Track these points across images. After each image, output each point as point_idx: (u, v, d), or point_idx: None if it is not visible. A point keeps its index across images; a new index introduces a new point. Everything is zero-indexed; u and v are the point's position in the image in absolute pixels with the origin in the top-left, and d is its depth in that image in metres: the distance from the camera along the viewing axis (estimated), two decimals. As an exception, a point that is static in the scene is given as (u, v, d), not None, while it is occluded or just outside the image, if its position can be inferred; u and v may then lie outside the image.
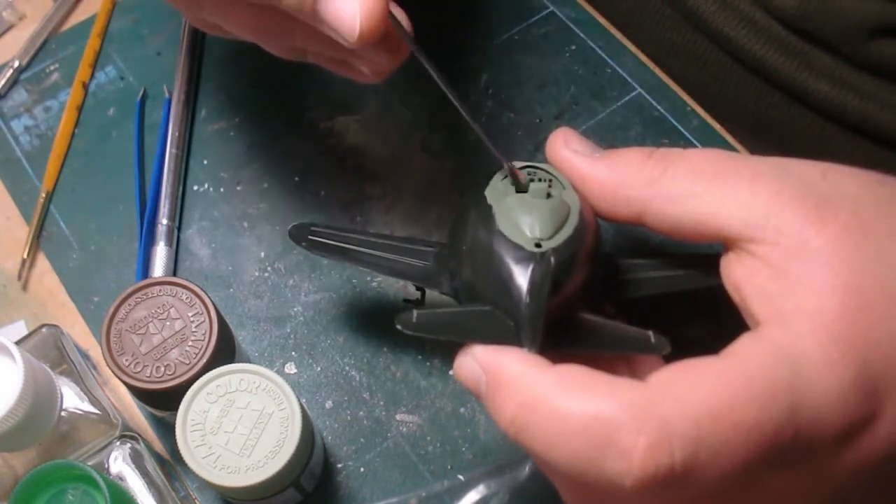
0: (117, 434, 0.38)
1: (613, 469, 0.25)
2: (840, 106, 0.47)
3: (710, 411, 0.25)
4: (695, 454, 0.25)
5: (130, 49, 0.53)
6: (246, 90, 0.52)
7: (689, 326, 0.42)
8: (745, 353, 0.27)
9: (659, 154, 0.31)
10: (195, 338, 0.38)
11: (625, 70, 0.52)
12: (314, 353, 0.44)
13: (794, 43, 0.47)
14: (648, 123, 0.50)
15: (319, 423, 0.43)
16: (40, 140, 0.50)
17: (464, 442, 0.42)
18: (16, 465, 0.37)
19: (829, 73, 0.47)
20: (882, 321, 0.27)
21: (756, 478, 0.26)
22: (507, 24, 0.54)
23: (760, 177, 0.29)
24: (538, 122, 0.51)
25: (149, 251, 0.46)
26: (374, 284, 0.46)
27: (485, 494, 0.41)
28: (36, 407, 0.34)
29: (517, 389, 0.27)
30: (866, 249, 0.27)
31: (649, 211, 0.31)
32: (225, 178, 0.49)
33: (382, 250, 0.37)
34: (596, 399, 0.26)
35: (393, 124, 0.50)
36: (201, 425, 0.36)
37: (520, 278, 0.30)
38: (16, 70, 0.52)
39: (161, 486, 0.37)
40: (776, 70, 0.48)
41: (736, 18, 0.49)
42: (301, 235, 0.38)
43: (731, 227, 0.29)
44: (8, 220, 0.48)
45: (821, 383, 0.26)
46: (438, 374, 0.44)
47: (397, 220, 0.48)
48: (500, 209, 0.32)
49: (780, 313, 0.27)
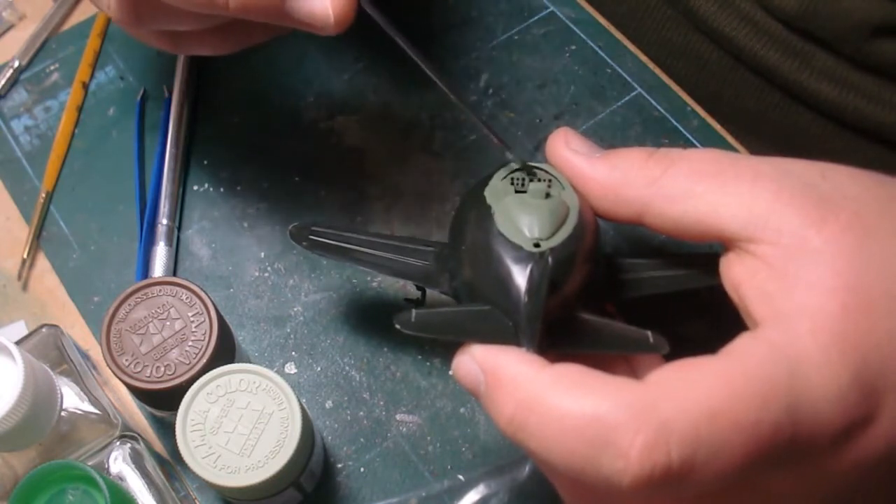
0: (117, 434, 0.38)
1: (611, 468, 0.25)
2: (840, 106, 0.47)
3: (709, 410, 0.25)
4: (692, 453, 0.25)
5: (130, 49, 0.53)
6: (246, 90, 0.52)
7: (688, 326, 0.42)
8: (743, 352, 0.27)
9: (659, 154, 0.32)
10: (195, 338, 0.38)
11: (625, 70, 0.52)
12: (314, 353, 0.44)
13: (794, 43, 0.47)
14: (648, 123, 0.50)
15: (319, 423, 0.43)
16: (40, 140, 0.51)
17: (464, 442, 0.42)
18: (16, 465, 0.37)
19: (829, 73, 0.47)
20: (881, 322, 0.27)
21: (754, 477, 0.26)
22: (507, 24, 0.54)
23: (761, 177, 0.29)
24: (538, 122, 0.51)
25: (149, 251, 0.46)
26: (374, 284, 0.46)
27: (485, 494, 0.41)
28: (36, 407, 0.34)
29: (515, 389, 0.27)
30: (866, 250, 0.27)
31: (649, 211, 0.31)
32: (225, 178, 0.49)
33: (383, 250, 0.37)
34: (594, 398, 0.26)
35: (393, 124, 0.50)
36: (201, 425, 0.36)
37: (518, 278, 0.30)
38: (16, 70, 0.52)
39: (161, 486, 0.38)
40: (776, 70, 0.48)
41: (736, 18, 0.49)
42: (302, 235, 0.38)
43: (730, 226, 0.29)
44: (8, 220, 0.48)
45: (819, 383, 0.26)
46: (438, 374, 0.44)
47: (397, 220, 0.48)
48: (500, 209, 0.32)
49: (779, 313, 0.27)
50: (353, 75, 0.52)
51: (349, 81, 0.52)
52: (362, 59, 0.52)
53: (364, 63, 0.52)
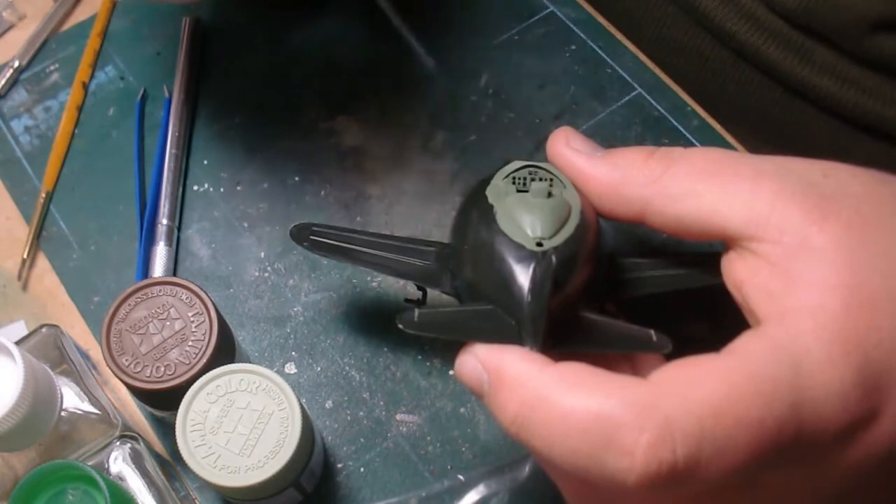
0: (117, 434, 0.38)
1: (616, 467, 0.25)
2: (842, 101, 0.47)
3: (712, 408, 0.25)
4: (697, 451, 0.25)
5: (130, 49, 0.53)
6: (246, 90, 0.52)
7: (690, 325, 0.42)
8: (746, 350, 0.27)
9: (660, 153, 0.31)
10: (195, 338, 0.38)
11: (625, 70, 0.52)
12: (314, 353, 0.44)
13: (795, 38, 0.47)
14: (648, 123, 0.50)
15: (319, 423, 0.43)
16: (40, 140, 0.50)
17: (464, 442, 0.42)
18: (16, 465, 0.37)
19: (830, 68, 0.47)
20: (884, 319, 0.27)
21: (758, 475, 0.26)
22: (507, 24, 0.54)
23: (762, 175, 0.29)
24: (538, 122, 0.51)
25: (149, 251, 0.46)
26: (375, 284, 0.46)
27: (485, 494, 0.41)
28: (36, 407, 0.34)
29: (519, 387, 0.27)
30: (868, 248, 0.27)
31: (650, 210, 0.31)
32: (225, 178, 0.49)
33: (384, 250, 0.37)
34: (598, 396, 0.26)
35: (393, 124, 0.50)
36: (201, 425, 0.36)
37: (521, 277, 0.30)
38: (16, 70, 0.52)
39: (161, 486, 0.37)
40: (777, 66, 0.48)
41: (737, 14, 0.49)
42: (302, 235, 0.38)
43: (732, 225, 0.29)
44: (8, 220, 0.48)
45: (822, 381, 0.26)
46: (438, 374, 0.44)
47: (397, 220, 0.48)
48: (501, 208, 0.32)
49: (781, 311, 0.27)
50: (353, 75, 0.52)
51: (349, 81, 0.52)
52: (362, 59, 0.52)
53: (364, 63, 0.52)
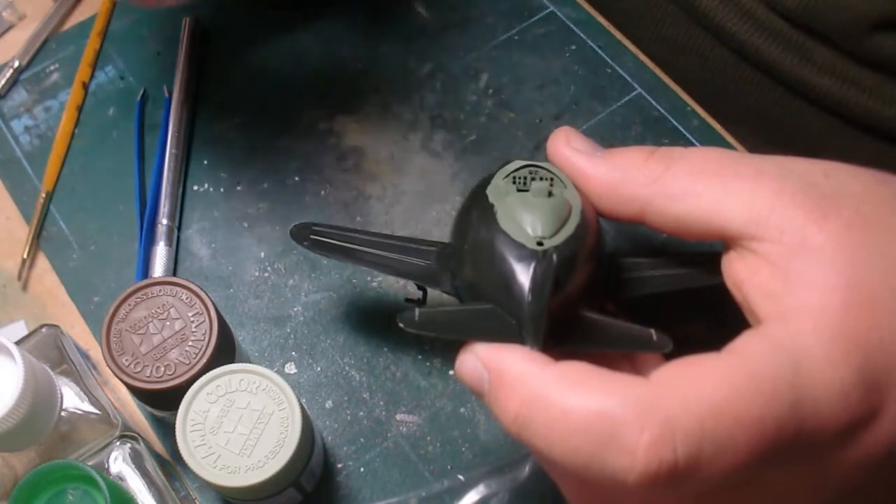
0: (117, 434, 0.38)
1: (616, 466, 0.25)
2: (842, 101, 0.47)
3: (713, 407, 0.25)
4: (698, 450, 0.25)
5: (130, 49, 0.53)
6: (246, 90, 0.52)
7: (690, 325, 0.42)
8: (747, 350, 0.27)
9: (660, 153, 0.31)
10: (195, 338, 0.38)
11: (625, 70, 0.52)
12: (314, 353, 0.44)
13: (795, 37, 0.47)
14: (648, 123, 0.50)
15: (319, 423, 0.43)
16: (40, 140, 0.50)
17: (464, 442, 0.42)
18: (16, 465, 0.37)
19: (830, 67, 0.47)
20: (884, 319, 0.27)
21: (758, 474, 0.26)
22: (507, 24, 0.54)
23: (762, 175, 0.29)
24: (538, 122, 0.51)
25: (149, 251, 0.46)
26: (375, 284, 0.46)
27: (485, 494, 0.41)
28: (36, 407, 0.34)
29: (520, 386, 0.27)
30: (868, 247, 0.27)
31: (651, 209, 0.31)
32: (225, 178, 0.49)
33: (385, 249, 0.37)
34: (598, 395, 0.26)
35: (393, 124, 0.50)
36: (201, 425, 0.36)
37: (522, 276, 0.30)
38: (16, 70, 0.52)
39: (161, 486, 0.37)
40: (778, 65, 0.48)
41: (737, 13, 0.49)
42: (303, 235, 0.38)
43: (732, 224, 0.29)
44: (8, 220, 0.48)
45: (822, 380, 0.26)
46: (438, 374, 0.44)
47: (397, 220, 0.48)
48: (502, 208, 0.32)
49: (781, 311, 0.27)
50: (353, 75, 0.52)
51: (349, 81, 0.52)
52: (362, 59, 0.52)
53: (364, 63, 0.52)
